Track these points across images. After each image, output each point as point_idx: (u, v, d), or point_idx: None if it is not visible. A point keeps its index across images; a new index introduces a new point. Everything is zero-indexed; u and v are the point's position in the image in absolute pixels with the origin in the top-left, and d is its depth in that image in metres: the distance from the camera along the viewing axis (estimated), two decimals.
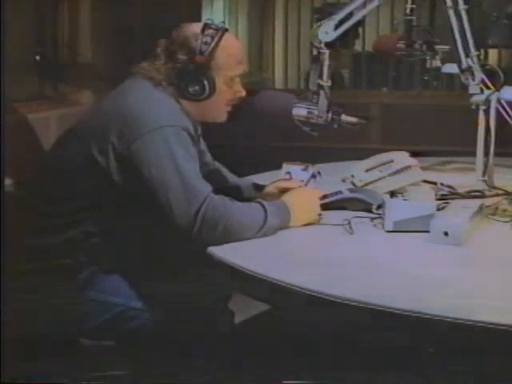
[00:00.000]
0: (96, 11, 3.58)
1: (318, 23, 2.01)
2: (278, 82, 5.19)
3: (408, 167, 2.06)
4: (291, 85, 4.96)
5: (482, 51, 4.77)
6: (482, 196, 1.97)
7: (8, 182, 2.53)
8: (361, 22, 2.13)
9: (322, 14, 5.25)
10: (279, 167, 2.19)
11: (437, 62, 2.26)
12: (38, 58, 3.39)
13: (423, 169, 2.34)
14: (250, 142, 3.91)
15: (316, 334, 1.78)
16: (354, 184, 2.08)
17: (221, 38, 1.79)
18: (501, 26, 4.85)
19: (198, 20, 4.52)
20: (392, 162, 2.09)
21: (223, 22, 1.89)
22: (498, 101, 2.00)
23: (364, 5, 2.08)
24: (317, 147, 2.45)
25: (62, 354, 1.81)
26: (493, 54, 4.83)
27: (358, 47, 4.59)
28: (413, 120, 4.16)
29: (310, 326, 1.76)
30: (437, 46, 2.22)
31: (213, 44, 1.78)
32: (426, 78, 4.54)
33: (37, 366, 1.80)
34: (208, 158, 2.10)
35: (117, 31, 3.73)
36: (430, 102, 4.25)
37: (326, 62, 1.97)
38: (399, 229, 1.74)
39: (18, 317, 1.84)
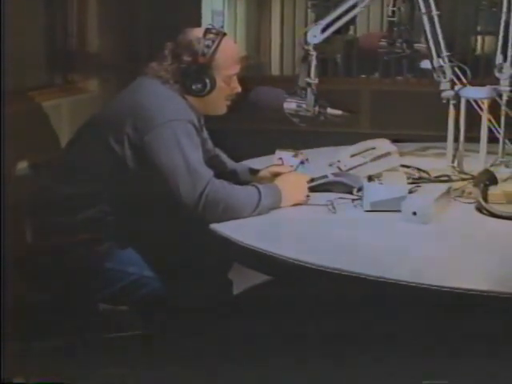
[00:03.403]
0: (104, 2, 3.68)
1: (306, 28, 2.20)
2: (275, 66, 5.28)
3: (387, 154, 2.20)
4: (287, 69, 5.05)
5: (473, 38, 4.92)
6: (449, 180, 2.14)
7: (23, 165, 2.71)
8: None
9: None
10: (274, 149, 2.35)
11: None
12: (48, 47, 3.48)
13: (405, 154, 2.48)
14: (250, 126, 4.00)
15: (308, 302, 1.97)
16: (339, 168, 2.20)
17: (220, 41, 1.99)
18: (489, 14, 4.97)
19: (198, 7, 4.62)
20: (374, 148, 2.23)
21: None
22: None
23: (353, 7, 2.22)
24: (313, 131, 2.58)
25: (83, 318, 2.03)
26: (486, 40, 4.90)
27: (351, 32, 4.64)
28: (402, 106, 4.28)
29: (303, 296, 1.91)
30: (415, 45, 2.43)
31: (213, 47, 1.97)
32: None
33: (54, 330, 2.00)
34: (209, 145, 2.28)
35: (123, 21, 3.84)
36: (419, 88, 4.35)
37: (314, 63, 2.16)
38: (375, 209, 1.93)
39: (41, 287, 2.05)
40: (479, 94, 2.15)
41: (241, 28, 6.11)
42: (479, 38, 4.84)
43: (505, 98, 2.26)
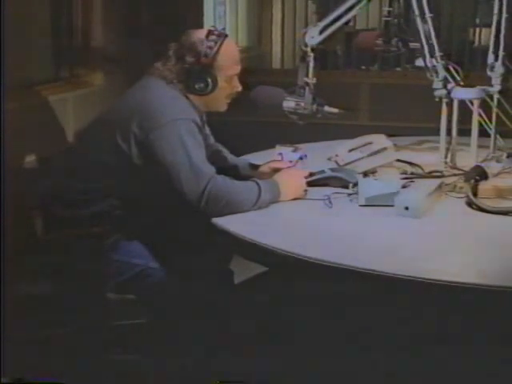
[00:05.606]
0: None
1: (304, 29, 2.27)
2: (276, 59, 5.33)
3: (384, 149, 2.26)
4: (287, 60, 5.10)
5: (471, 30, 4.97)
6: (442, 176, 2.21)
7: (31, 158, 2.78)
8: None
9: None
10: (275, 143, 2.40)
11: None
12: (54, 42, 3.52)
13: (401, 148, 2.52)
14: (250, 119, 4.04)
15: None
16: (337, 163, 2.26)
17: (222, 43, 2.07)
18: (488, 7, 4.99)
19: (200, 3, 4.65)
20: (371, 143, 2.28)
21: None
22: None
23: (350, 9, 2.30)
24: (313, 124, 2.61)
25: (91, 306, 2.11)
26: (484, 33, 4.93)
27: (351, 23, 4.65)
28: (401, 98, 4.33)
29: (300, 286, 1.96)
30: (410, 44, 2.49)
31: (215, 48, 2.05)
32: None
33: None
34: (211, 140, 2.36)
35: (127, 15, 3.89)
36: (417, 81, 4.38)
37: (312, 63, 2.24)
38: (370, 203, 1.99)
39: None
40: (469, 94, 2.22)
41: (242, 18, 6.15)
42: (477, 30, 4.89)
43: (496, 96, 2.33)
